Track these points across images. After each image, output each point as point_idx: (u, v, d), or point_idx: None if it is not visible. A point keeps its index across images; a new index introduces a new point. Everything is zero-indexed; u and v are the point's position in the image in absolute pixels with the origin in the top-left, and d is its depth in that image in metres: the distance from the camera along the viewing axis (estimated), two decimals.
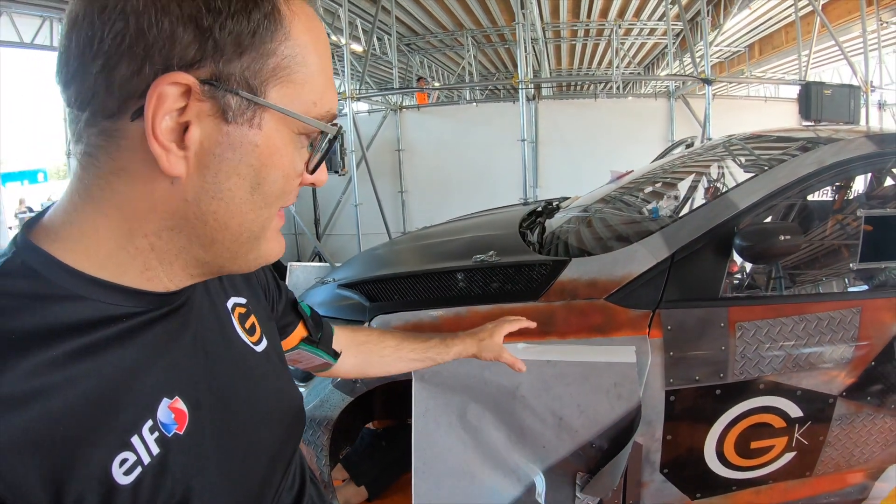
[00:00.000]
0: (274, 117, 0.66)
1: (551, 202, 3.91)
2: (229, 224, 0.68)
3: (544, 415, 2.06)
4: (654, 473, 2.19)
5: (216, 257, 0.72)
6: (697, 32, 10.77)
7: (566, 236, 2.84)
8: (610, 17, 12.84)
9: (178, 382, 0.70)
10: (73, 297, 0.63)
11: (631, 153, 6.99)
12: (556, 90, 17.03)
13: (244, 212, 0.68)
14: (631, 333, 2.10)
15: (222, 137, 0.64)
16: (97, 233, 0.66)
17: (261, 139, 0.66)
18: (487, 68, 18.57)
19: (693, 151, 3.97)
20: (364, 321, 2.41)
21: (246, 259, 0.75)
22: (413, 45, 14.72)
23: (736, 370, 2.07)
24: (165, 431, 0.67)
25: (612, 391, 2.01)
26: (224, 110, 0.63)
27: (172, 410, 0.68)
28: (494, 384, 2.08)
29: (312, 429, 2.49)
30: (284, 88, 0.66)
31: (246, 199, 0.68)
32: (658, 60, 17.56)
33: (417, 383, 2.14)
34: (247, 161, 0.66)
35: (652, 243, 2.25)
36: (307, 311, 1.20)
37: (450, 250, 2.98)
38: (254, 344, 0.89)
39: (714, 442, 2.15)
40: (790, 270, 2.51)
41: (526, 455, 2.12)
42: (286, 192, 0.72)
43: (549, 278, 2.26)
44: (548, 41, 14.18)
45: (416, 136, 8.75)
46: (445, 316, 2.28)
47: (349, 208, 8.64)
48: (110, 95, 0.60)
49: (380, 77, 18.14)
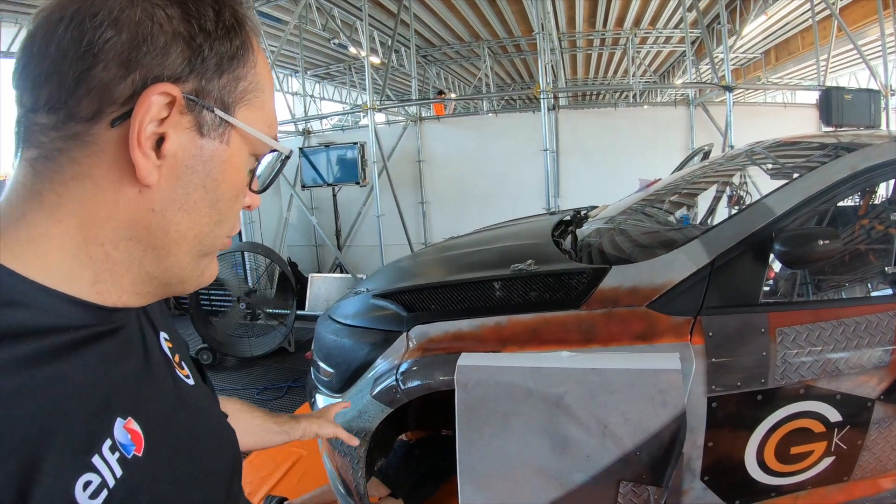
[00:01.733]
0: (239, 136, 0.72)
1: (579, 211, 3.91)
2: (187, 236, 0.71)
3: (589, 423, 2.05)
4: (695, 481, 2.18)
5: (166, 272, 0.72)
6: (713, 39, 10.75)
7: (602, 244, 2.84)
8: (626, 26, 12.84)
9: (128, 403, 0.68)
10: (15, 303, 0.61)
11: (652, 162, 7.00)
12: (572, 100, 17.03)
13: (202, 224, 0.72)
14: (673, 340, 2.10)
15: (196, 150, 0.68)
16: (49, 240, 0.65)
17: (227, 155, 0.71)
18: (503, 79, 18.60)
19: (721, 159, 3.97)
20: (401, 331, 2.43)
21: (191, 278, 0.76)
22: (430, 57, 14.77)
23: (777, 375, 2.07)
24: (125, 452, 0.64)
25: (657, 398, 2.00)
26: (200, 125, 0.67)
27: (128, 431, 0.66)
28: (539, 393, 2.08)
29: None
30: (248, 111, 0.72)
31: (206, 212, 0.71)
32: (674, 68, 17.49)
33: (461, 393, 2.14)
34: (212, 175, 0.70)
35: (692, 250, 2.26)
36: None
37: (484, 260, 2.99)
38: (185, 378, 0.88)
39: (755, 448, 2.14)
40: (827, 275, 2.51)
41: (569, 464, 2.11)
42: (234, 211, 0.76)
43: (590, 286, 2.26)
44: (564, 51, 14.18)
45: (437, 147, 8.75)
46: (486, 325, 2.29)
47: (370, 219, 8.64)
48: (90, 99, 0.62)
49: (396, 89, 18.20)
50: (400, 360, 2.37)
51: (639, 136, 7.95)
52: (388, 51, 10.34)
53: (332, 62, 15.03)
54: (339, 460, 2.63)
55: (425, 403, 2.79)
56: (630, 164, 7.45)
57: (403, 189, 8.64)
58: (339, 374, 2.66)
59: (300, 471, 4.04)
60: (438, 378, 2.26)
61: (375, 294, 2.74)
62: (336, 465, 2.71)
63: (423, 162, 8.80)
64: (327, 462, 2.90)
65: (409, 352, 2.37)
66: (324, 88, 17.84)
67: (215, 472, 0.85)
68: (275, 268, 6.65)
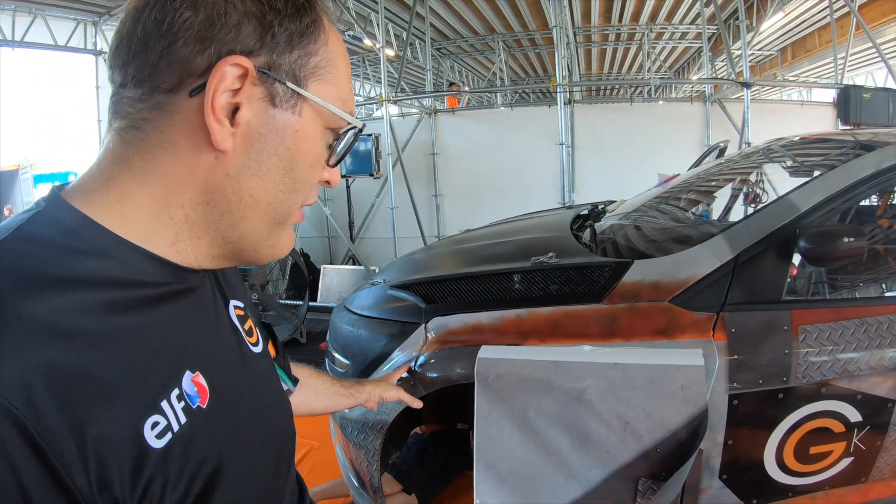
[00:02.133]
0: (311, 108, 0.75)
1: (597, 205, 3.90)
2: (261, 202, 0.74)
3: (610, 419, 2.04)
4: (713, 479, 2.17)
5: (241, 238, 0.76)
6: (730, 35, 10.69)
7: (623, 238, 2.83)
8: (641, 21, 12.79)
9: (198, 358, 0.73)
10: (103, 254, 0.67)
11: (667, 157, 6.95)
12: (586, 94, 16.98)
13: (276, 192, 0.75)
14: (696, 336, 2.09)
15: (269, 119, 0.71)
16: (134, 199, 0.70)
17: (299, 125, 0.74)
18: (517, 73, 18.56)
19: (740, 155, 3.95)
20: (419, 323, 2.41)
21: (265, 245, 0.80)
22: (444, 50, 14.75)
23: (799, 374, 2.05)
24: (191, 402, 0.69)
25: (679, 394, 1.98)
26: (272, 96, 0.71)
27: (195, 384, 0.71)
28: (560, 388, 2.06)
29: (365, 432, 2.49)
30: (320, 85, 0.75)
31: (280, 180, 0.74)
32: (689, 65, 17.43)
33: (480, 386, 2.13)
34: (286, 144, 0.73)
35: (715, 245, 2.24)
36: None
37: (503, 252, 2.97)
38: (253, 345, 0.92)
39: (774, 447, 2.13)
40: (851, 273, 2.49)
41: (589, 460, 2.09)
42: (310, 181, 0.79)
43: (613, 280, 2.24)
44: (579, 45, 14.14)
45: (451, 139, 8.76)
46: (506, 318, 2.28)
47: (383, 211, 8.72)
48: (171, 71, 0.67)
49: (409, 81, 18.19)
50: (418, 351, 2.36)
51: (654, 132, 7.94)
52: (402, 43, 10.33)
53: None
54: (353, 452, 2.61)
55: (440, 397, 2.78)
56: (645, 159, 7.44)
57: (417, 181, 8.68)
58: (354, 365, 2.64)
59: (311, 462, 4.04)
60: (457, 371, 2.25)
61: (393, 285, 2.73)
62: (350, 458, 2.70)
63: (437, 155, 8.81)
64: (340, 454, 2.89)
65: (428, 344, 2.36)
66: None
67: (269, 437, 0.89)
68: (287, 259, 6.66)
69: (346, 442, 2.64)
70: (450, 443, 3.48)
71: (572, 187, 7.61)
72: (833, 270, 2.44)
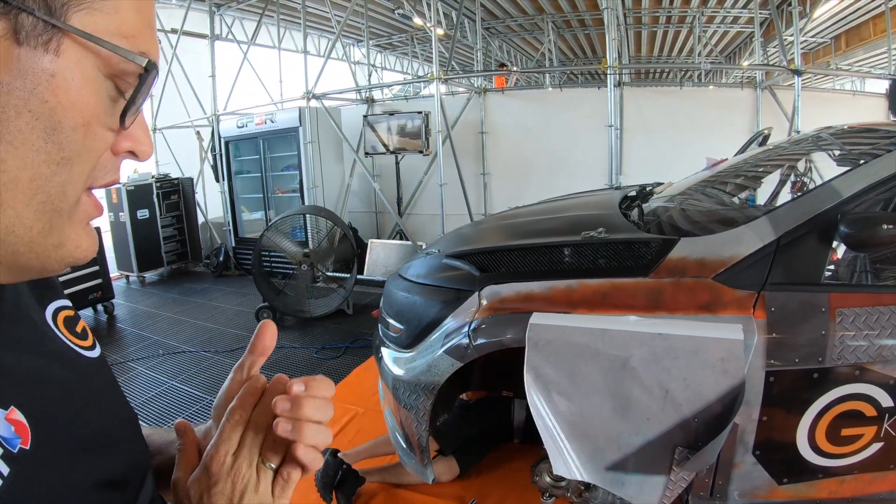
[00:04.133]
0: (76, 46, 0.54)
1: (644, 187, 3.96)
2: (20, 179, 0.53)
3: (652, 387, 2.12)
4: (747, 455, 2.24)
5: (7, 235, 0.54)
6: (783, 21, 10.53)
7: (669, 218, 2.88)
8: (693, 4, 12.64)
9: (7, 392, 0.58)
10: None
11: (715, 143, 6.90)
12: (635, 77, 16.83)
13: (38, 163, 0.53)
14: (737, 312, 2.15)
15: (12, 63, 0.51)
16: None
17: (57, 68, 0.53)
18: (566, 53, 18.44)
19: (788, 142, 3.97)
20: (473, 290, 2.53)
21: (46, 245, 0.57)
22: (492, 29, 14.73)
23: (834, 355, 2.11)
24: (10, 447, 0.56)
25: (718, 366, 2.06)
26: (16, 30, 0.50)
27: (10, 422, 0.57)
28: (606, 354, 2.16)
29: (416, 393, 2.62)
30: (89, 16, 0.54)
31: (39, 146, 0.53)
32: (740, 50, 17.12)
33: (531, 351, 2.23)
34: (39, 94, 0.52)
35: (759, 227, 2.30)
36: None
37: (554, 227, 3.07)
38: (86, 350, 0.75)
39: (807, 426, 2.19)
40: (891, 261, 2.54)
41: (629, 426, 2.19)
42: (90, 148, 0.57)
43: (659, 256, 2.32)
44: (629, 27, 14.03)
45: (499, 119, 8.78)
46: (556, 288, 2.37)
47: (430, 188, 8.79)
48: None
49: (458, 60, 18.18)
50: (471, 317, 2.47)
51: (703, 117, 7.90)
52: (451, 22, 10.36)
53: (395, 32, 15.09)
54: (403, 414, 2.75)
55: (487, 364, 2.90)
56: (693, 144, 7.40)
57: (466, 159, 8.74)
58: (409, 330, 2.78)
59: (356, 427, 4.24)
60: (508, 336, 2.35)
61: (448, 254, 2.85)
62: (399, 419, 2.83)
63: (485, 133, 8.85)
64: (389, 416, 3.03)
65: (480, 310, 2.47)
66: (385, 58, 17.93)
67: (123, 455, 0.74)
68: (336, 231, 6.80)
69: (397, 404, 2.77)
70: (491, 412, 3.62)
71: (620, 169, 7.60)
72: (874, 257, 2.49)
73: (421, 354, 2.65)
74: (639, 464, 2.22)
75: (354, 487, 3.27)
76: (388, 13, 12.07)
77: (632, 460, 2.23)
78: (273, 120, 8.84)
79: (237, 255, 9.75)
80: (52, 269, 0.60)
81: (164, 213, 9.49)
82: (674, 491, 2.21)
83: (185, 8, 9.84)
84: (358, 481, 3.30)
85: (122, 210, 8.94)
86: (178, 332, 6.82)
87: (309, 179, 8.63)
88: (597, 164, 7.74)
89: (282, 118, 8.78)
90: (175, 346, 6.34)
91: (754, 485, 2.28)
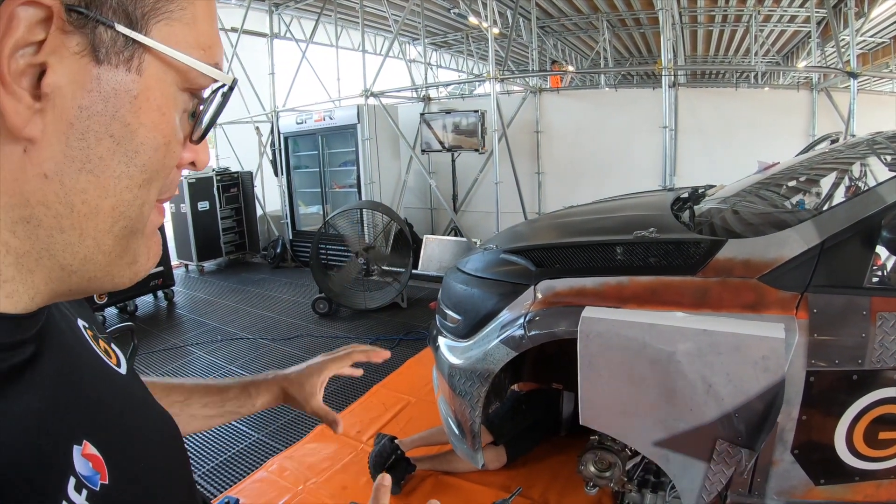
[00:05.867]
0: (157, 62, 0.51)
1: (697, 189, 4.02)
2: (101, 207, 0.51)
3: (695, 380, 2.21)
4: (785, 453, 2.29)
5: (86, 263, 0.53)
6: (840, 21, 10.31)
7: (719, 220, 2.94)
8: (749, 3, 12.47)
9: (78, 424, 0.54)
10: None
11: (770, 146, 6.83)
12: (690, 77, 16.65)
13: (120, 190, 0.51)
14: (780, 313, 2.22)
15: (91, 83, 0.47)
16: None
17: (139, 89, 0.50)
18: (621, 52, 18.31)
19: (841, 146, 3.96)
20: (529, 284, 2.66)
21: (120, 265, 0.56)
22: (547, 28, 14.74)
23: (874, 358, 2.15)
24: (92, 486, 0.52)
25: (759, 363, 2.13)
26: (95, 47, 0.47)
27: (87, 458, 0.53)
28: (653, 347, 2.27)
29: (472, 380, 2.75)
30: (168, 27, 0.52)
31: (121, 170, 0.51)
32: (798, 50, 16.79)
33: (583, 341, 2.36)
34: (121, 118, 0.49)
35: (804, 230, 2.35)
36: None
37: (606, 226, 3.18)
38: (115, 367, 0.71)
39: (845, 428, 2.22)
40: None
41: (674, 412, 2.29)
42: (166, 166, 0.55)
43: (707, 256, 2.41)
44: (684, 26, 13.90)
45: (555, 118, 8.82)
46: (608, 284, 2.49)
47: (485, 186, 8.87)
48: None
49: (513, 59, 18.15)
50: (526, 310, 2.61)
51: (758, 119, 7.78)
52: (507, 21, 10.42)
53: (450, 31, 15.19)
54: (457, 401, 2.88)
55: (539, 356, 3.02)
56: (746, 146, 7.33)
57: (521, 158, 8.79)
58: (466, 320, 2.92)
59: (407, 416, 4.40)
60: (561, 328, 2.49)
61: (506, 249, 2.98)
62: (454, 406, 2.96)
63: (540, 133, 8.91)
64: (443, 404, 3.18)
65: (535, 303, 2.61)
66: (440, 56, 18.05)
67: (176, 469, 0.74)
68: (392, 226, 6.96)
69: (451, 391, 2.90)
70: (542, 405, 3.74)
71: (673, 171, 7.57)
72: None
73: (477, 344, 2.78)
74: (683, 446, 2.31)
75: (404, 473, 3.43)
76: (443, 12, 12.17)
77: (677, 440, 2.32)
78: (332, 117, 9.04)
79: (294, 248, 10.02)
80: (124, 285, 0.59)
81: (224, 206, 9.82)
82: (714, 485, 2.29)
83: (245, 7, 10.07)
84: (409, 468, 3.45)
85: (184, 202, 9.27)
86: (236, 320, 7.07)
87: (366, 175, 8.80)
88: (650, 166, 7.71)
89: (340, 115, 8.96)
90: (233, 332, 6.58)
91: (792, 484, 2.33)
